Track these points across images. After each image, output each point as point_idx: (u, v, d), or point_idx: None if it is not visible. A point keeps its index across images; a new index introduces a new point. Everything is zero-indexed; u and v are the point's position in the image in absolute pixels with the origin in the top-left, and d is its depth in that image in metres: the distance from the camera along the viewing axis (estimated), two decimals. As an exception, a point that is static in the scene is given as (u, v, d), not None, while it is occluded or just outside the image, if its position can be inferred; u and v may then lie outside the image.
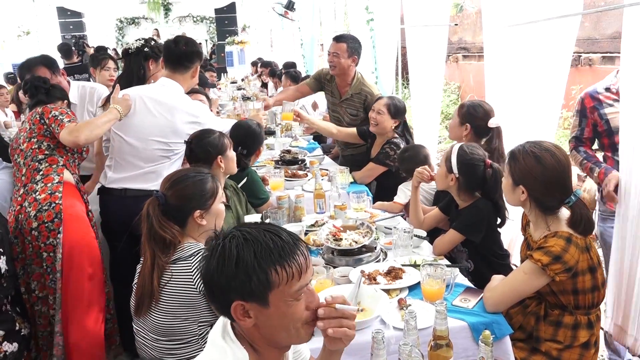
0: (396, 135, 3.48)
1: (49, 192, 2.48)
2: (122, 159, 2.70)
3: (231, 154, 2.58)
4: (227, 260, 1.15)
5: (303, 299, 1.20)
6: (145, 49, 3.07)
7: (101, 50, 4.31)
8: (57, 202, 2.46)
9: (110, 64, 4.28)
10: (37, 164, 2.58)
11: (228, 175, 2.64)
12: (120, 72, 3.60)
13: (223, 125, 2.97)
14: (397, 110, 3.43)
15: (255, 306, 1.16)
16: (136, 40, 3.13)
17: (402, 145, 3.45)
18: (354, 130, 3.77)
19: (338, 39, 3.91)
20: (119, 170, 2.70)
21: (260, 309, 1.16)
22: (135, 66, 3.05)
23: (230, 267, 1.14)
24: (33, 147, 2.61)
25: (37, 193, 2.48)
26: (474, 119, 2.85)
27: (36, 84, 2.81)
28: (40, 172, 2.55)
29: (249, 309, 1.16)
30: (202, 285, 1.70)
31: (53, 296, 2.48)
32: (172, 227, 1.86)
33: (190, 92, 3.58)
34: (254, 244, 1.15)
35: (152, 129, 2.65)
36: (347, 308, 1.24)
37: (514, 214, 2.60)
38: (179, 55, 2.78)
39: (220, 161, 2.49)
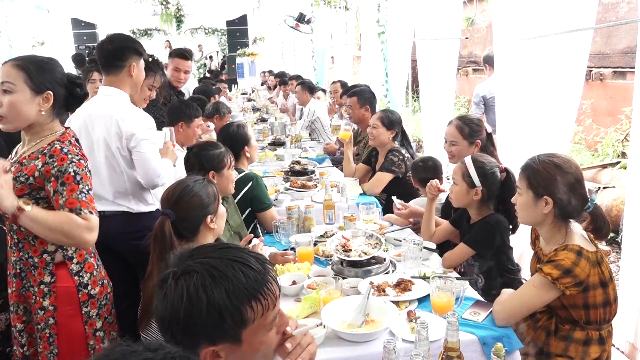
0: (397, 144, 3.60)
1: None
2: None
3: (228, 173, 2.52)
4: (196, 304, 1.02)
5: (275, 326, 1.13)
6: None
7: (91, 63, 4.12)
8: None
9: (96, 75, 3.96)
10: None
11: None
12: None
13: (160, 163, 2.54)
14: (390, 121, 3.57)
15: (227, 346, 1.07)
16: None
17: (404, 152, 3.49)
18: (360, 164, 3.95)
19: (351, 94, 4.36)
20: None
21: (232, 347, 1.07)
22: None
23: (200, 312, 1.02)
24: None
25: None
26: (478, 133, 2.80)
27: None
28: None
29: (220, 350, 1.06)
30: None
31: None
32: (182, 244, 1.81)
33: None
34: (224, 282, 1.04)
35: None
36: (303, 330, 1.22)
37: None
38: (106, 55, 2.52)
39: (213, 177, 2.42)
